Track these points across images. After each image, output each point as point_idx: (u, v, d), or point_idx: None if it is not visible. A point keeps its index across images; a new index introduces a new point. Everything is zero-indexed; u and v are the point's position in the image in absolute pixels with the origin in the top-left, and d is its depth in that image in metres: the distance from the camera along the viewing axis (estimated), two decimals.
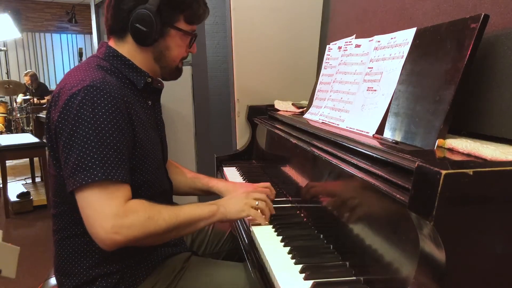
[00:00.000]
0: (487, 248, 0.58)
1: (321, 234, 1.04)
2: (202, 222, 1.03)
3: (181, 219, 0.98)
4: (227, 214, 1.06)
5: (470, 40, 0.81)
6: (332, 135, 1.07)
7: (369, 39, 1.20)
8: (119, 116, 0.94)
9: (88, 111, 0.90)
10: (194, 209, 1.02)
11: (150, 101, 1.15)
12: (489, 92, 0.87)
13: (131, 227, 0.90)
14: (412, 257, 0.65)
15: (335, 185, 1.01)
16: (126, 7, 1.03)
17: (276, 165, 1.55)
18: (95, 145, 0.89)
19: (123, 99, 0.98)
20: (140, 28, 1.02)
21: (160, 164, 1.15)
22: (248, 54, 1.94)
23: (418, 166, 0.59)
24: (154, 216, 0.94)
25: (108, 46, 1.08)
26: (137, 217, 0.91)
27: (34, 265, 2.58)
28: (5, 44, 8.01)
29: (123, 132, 0.95)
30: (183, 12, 1.08)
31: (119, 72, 1.06)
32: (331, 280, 0.82)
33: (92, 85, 0.93)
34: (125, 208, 0.91)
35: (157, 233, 0.94)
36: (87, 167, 0.88)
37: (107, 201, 0.90)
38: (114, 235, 0.88)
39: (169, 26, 1.07)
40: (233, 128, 2.03)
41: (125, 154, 0.94)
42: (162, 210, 0.96)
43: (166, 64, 1.13)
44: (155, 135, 1.14)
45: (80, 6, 9.18)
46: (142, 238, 0.92)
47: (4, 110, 6.73)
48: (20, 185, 4.21)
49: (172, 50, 1.11)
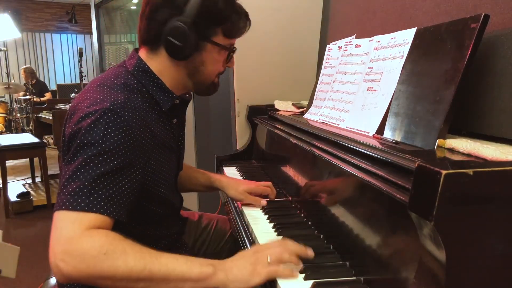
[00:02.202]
0: (487, 248, 0.58)
1: (321, 234, 1.04)
2: (188, 283, 0.79)
3: (153, 271, 0.77)
4: (228, 283, 0.80)
5: (470, 40, 0.81)
6: (332, 135, 1.07)
7: (369, 39, 1.20)
8: (131, 146, 0.87)
9: (99, 135, 0.83)
10: (178, 263, 0.80)
11: (175, 119, 1.08)
12: (489, 92, 0.87)
13: (79, 258, 0.75)
14: (412, 257, 0.65)
15: (335, 185, 1.01)
16: (160, 18, 0.95)
17: (276, 165, 1.55)
18: (92, 172, 0.81)
19: (143, 124, 0.92)
20: (174, 42, 0.95)
21: (172, 184, 1.11)
22: (248, 54, 1.94)
23: (418, 166, 0.59)
24: (112, 254, 0.76)
25: (140, 58, 1.01)
26: (90, 247, 0.76)
27: (34, 265, 2.58)
28: (5, 44, 8.01)
29: (130, 164, 0.87)
30: (221, 25, 0.99)
31: (146, 91, 0.99)
32: (331, 280, 0.82)
33: (111, 109, 0.86)
34: (83, 234, 0.77)
35: (114, 276, 0.76)
36: (73, 192, 0.80)
37: (69, 224, 0.78)
38: (60, 262, 0.75)
39: (205, 40, 0.99)
40: (233, 128, 2.03)
41: (124, 186, 0.86)
42: (128, 251, 0.78)
43: (200, 80, 1.05)
44: (173, 156, 1.09)
45: (80, 6, 9.18)
46: (94, 277, 0.76)
47: (4, 110, 6.74)
48: (20, 185, 4.21)
49: (208, 66, 1.03)
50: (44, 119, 4.42)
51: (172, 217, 1.16)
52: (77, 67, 9.27)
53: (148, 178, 0.96)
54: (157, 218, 1.05)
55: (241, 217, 1.24)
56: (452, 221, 0.56)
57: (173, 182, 1.13)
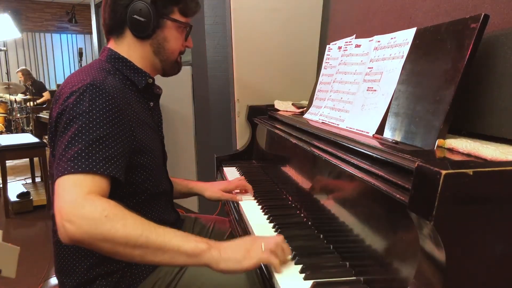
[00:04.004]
0: (487, 248, 0.58)
1: (321, 234, 1.04)
2: (181, 257, 0.83)
3: (150, 238, 0.81)
4: (220, 261, 0.83)
5: (470, 40, 0.81)
6: (332, 135, 1.07)
7: (369, 39, 1.20)
8: (117, 114, 0.95)
9: (85, 106, 0.91)
10: (175, 235, 0.84)
11: (152, 102, 1.17)
12: (489, 92, 0.87)
13: (82, 219, 0.80)
14: (412, 257, 0.65)
15: (335, 185, 1.01)
16: (122, 2, 1.08)
17: (276, 165, 1.55)
18: (86, 138, 0.88)
19: (123, 100, 0.99)
20: (138, 19, 1.07)
21: (160, 163, 1.16)
22: (248, 54, 1.94)
23: (418, 166, 0.59)
24: (113, 217, 0.81)
25: (110, 49, 1.12)
26: (92, 210, 0.81)
27: (34, 265, 2.58)
28: (5, 44, 8.02)
29: (119, 129, 0.95)
30: (177, 4, 1.13)
31: (121, 73, 1.09)
32: (331, 280, 0.82)
33: (92, 83, 0.94)
34: (85, 198, 0.82)
35: (112, 238, 0.80)
36: (71, 157, 0.86)
37: (72, 188, 0.84)
38: (66, 223, 0.80)
39: (165, 17, 1.12)
40: (233, 128, 2.03)
41: (117, 149, 0.93)
42: (127, 217, 0.83)
43: (166, 57, 1.16)
44: (156, 135, 1.15)
45: (80, 6, 9.18)
46: (95, 238, 0.81)
47: (4, 110, 6.74)
48: (20, 185, 4.21)
49: (170, 42, 1.15)
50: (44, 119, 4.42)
51: (163, 202, 1.18)
52: (77, 67, 9.26)
53: (136, 148, 1.01)
54: (147, 195, 1.07)
55: (241, 218, 1.24)
56: (452, 221, 0.56)
57: (161, 163, 1.17)
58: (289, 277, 0.84)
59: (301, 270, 0.85)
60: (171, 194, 1.27)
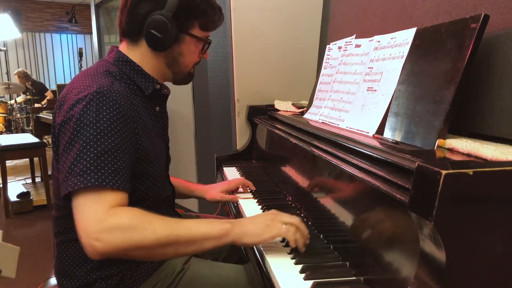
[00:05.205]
0: (487, 248, 0.58)
1: (321, 234, 1.04)
2: (210, 241, 0.89)
3: (179, 234, 0.87)
4: (243, 236, 0.90)
5: (470, 40, 0.81)
6: (332, 135, 1.07)
7: (369, 39, 1.20)
8: (123, 123, 0.93)
9: (92, 116, 0.89)
10: (201, 224, 0.90)
11: (158, 107, 1.13)
12: (489, 92, 0.87)
13: (111, 234, 0.82)
14: (412, 257, 0.65)
15: (335, 185, 1.01)
16: (142, 11, 1.02)
17: (276, 165, 1.55)
18: (94, 150, 0.87)
19: (130, 106, 0.97)
20: (155, 34, 1.01)
21: (163, 170, 1.14)
22: (248, 54, 1.94)
23: (418, 166, 0.59)
24: (141, 225, 0.85)
25: (119, 51, 1.07)
26: (119, 223, 0.83)
27: (34, 265, 2.58)
28: (5, 44, 8.02)
29: (126, 140, 0.93)
30: (198, 18, 1.07)
31: (128, 78, 1.05)
32: (331, 280, 0.82)
33: (98, 91, 0.91)
34: (109, 213, 0.84)
35: (145, 245, 0.84)
36: (81, 172, 0.85)
37: (93, 206, 0.85)
38: (95, 241, 0.82)
39: (184, 32, 1.06)
40: (233, 128, 2.03)
41: (125, 161, 0.92)
42: (154, 221, 0.87)
43: (179, 70, 1.13)
44: (161, 142, 1.13)
45: (80, 6, 9.18)
46: (127, 249, 0.84)
47: (4, 110, 6.74)
48: (20, 185, 4.21)
49: (186, 56, 1.10)
50: (44, 119, 4.42)
51: (165, 207, 1.17)
52: (77, 67, 9.27)
53: (141, 157, 1.00)
54: (149, 203, 1.06)
55: (241, 218, 1.23)
56: (452, 221, 0.56)
57: (164, 170, 1.16)
58: (289, 277, 0.84)
59: (301, 270, 0.85)
60: (173, 199, 1.26)
